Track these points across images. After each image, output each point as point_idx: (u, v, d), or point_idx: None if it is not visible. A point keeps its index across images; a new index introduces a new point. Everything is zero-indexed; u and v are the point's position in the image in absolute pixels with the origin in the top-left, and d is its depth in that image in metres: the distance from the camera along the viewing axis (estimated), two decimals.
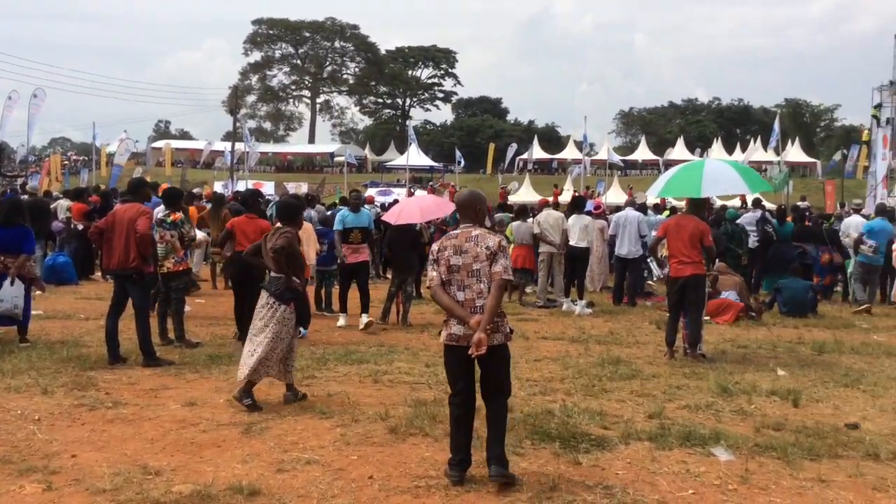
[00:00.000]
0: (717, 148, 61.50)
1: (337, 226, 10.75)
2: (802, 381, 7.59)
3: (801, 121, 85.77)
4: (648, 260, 15.03)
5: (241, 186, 34.30)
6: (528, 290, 13.95)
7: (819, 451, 5.33)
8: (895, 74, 39.63)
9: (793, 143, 58.61)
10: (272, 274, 6.52)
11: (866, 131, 44.45)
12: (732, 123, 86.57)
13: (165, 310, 9.06)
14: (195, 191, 18.51)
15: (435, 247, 4.89)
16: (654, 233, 14.77)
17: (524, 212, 14.04)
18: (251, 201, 9.79)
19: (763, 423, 6.10)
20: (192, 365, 7.78)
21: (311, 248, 10.65)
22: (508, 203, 22.95)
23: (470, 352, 4.55)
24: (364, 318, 10.28)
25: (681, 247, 8.55)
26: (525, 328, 10.61)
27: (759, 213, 15.17)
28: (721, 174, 8.85)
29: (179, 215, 9.04)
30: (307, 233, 10.30)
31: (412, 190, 37.19)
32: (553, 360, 8.47)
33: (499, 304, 4.67)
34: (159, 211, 9.25)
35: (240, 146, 49.09)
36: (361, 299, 10.53)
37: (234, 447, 5.26)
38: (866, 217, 16.07)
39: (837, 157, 58.20)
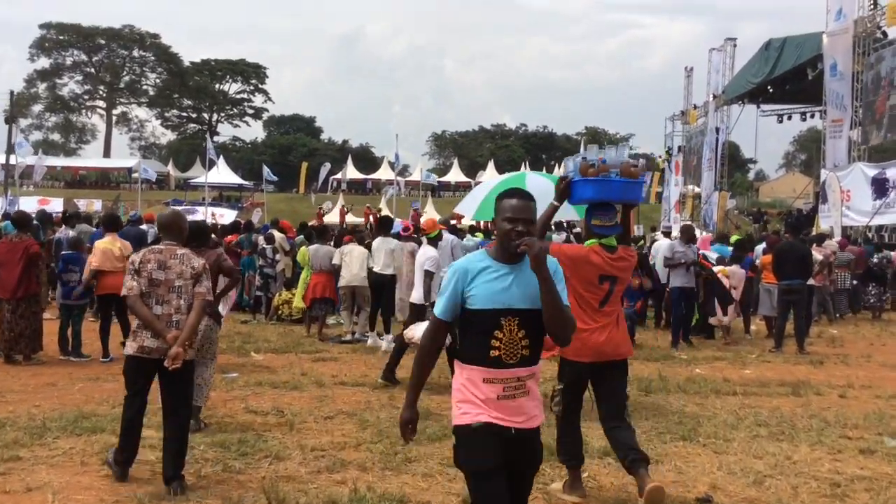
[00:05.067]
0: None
1: None
2: (637, 431, 6.53)
3: (600, 148, 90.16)
4: None
5: (26, 203, 30.28)
6: (329, 321, 12.36)
7: None
8: (685, 105, 42.11)
9: None
10: None
11: (660, 159, 46.92)
12: (538, 149, 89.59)
13: None
14: None
15: (136, 257, 4.95)
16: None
17: (323, 234, 12.45)
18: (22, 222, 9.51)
19: (601, 499, 4.90)
20: None
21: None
22: (319, 224, 21.31)
23: (166, 364, 4.77)
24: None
25: None
26: (321, 371, 9.04)
27: (563, 235, 14.58)
28: (546, 194, 7.72)
29: None
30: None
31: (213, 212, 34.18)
32: (349, 415, 6.94)
33: (199, 321, 4.99)
34: None
35: (22, 159, 43.74)
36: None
37: None
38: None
39: None
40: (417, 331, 8.39)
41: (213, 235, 14.88)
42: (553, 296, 3.11)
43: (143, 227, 15.19)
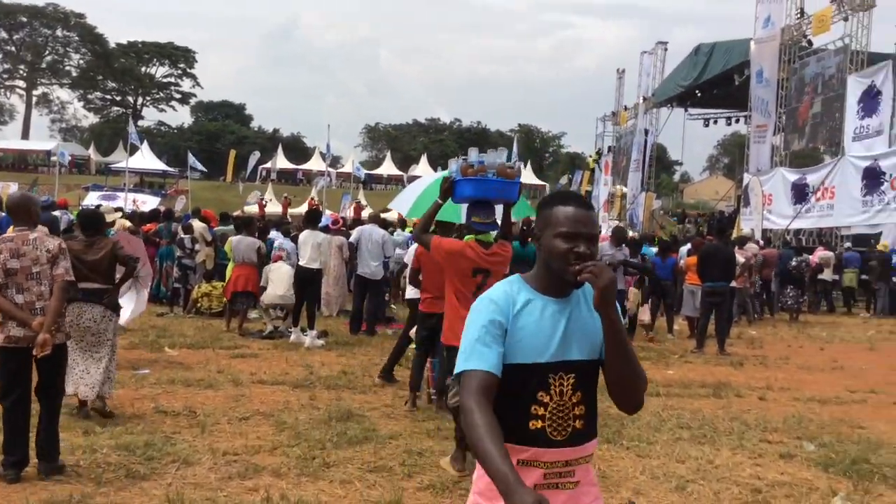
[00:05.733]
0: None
1: None
2: None
3: (533, 145, 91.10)
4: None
5: None
6: (251, 315, 11.97)
7: None
8: (616, 106, 42.72)
9: (525, 166, 61.57)
10: (97, 286, 6.16)
11: (590, 158, 47.54)
12: (472, 144, 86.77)
13: None
14: None
15: None
16: (399, 251, 13.52)
17: (248, 225, 12.04)
18: None
19: None
20: None
21: None
22: (240, 214, 20.83)
23: (35, 352, 4.69)
24: None
25: (436, 280, 7.08)
26: (239, 368, 8.68)
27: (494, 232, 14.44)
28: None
29: None
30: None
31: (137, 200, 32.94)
32: (266, 416, 6.64)
33: (62, 305, 4.90)
34: None
35: None
36: None
37: None
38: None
39: (563, 181, 62.01)
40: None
41: (130, 224, 14.37)
42: (625, 346, 2.23)
43: (56, 213, 14.46)
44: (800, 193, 24.10)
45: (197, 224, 14.24)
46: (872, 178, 20.90)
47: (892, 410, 8.08)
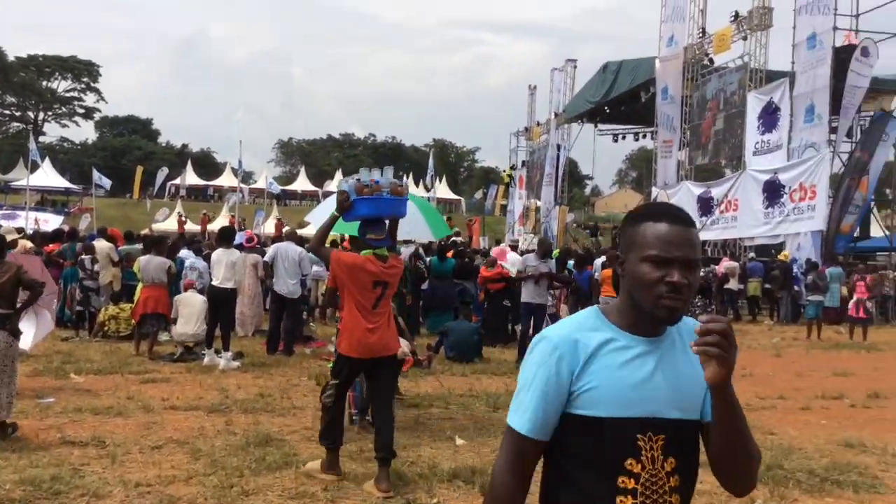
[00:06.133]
0: None
1: None
2: (484, 451, 6.42)
3: (448, 160, 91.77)
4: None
5: None
6: (161, 338, 11.55)
7: None
8: (529, 122, 43.45)
9: (440, 181, 61.88)
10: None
11: (504, 173, 48.18)
12: (387, 159, 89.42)
13: None
14: None
15: None
16: (316, 268, 13.32)
17: (158, 244, 11.64)
18: None
19: None
20: None
21: None
22: (147, 234, 20.21)
23: None
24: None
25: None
26: (150, 394, 8.33)
27: (411, 247, 14.43)
28: (410, 214, 7.54)
29: None
30: None
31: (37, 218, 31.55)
32: (180, 444, 6.38)
33: None
34: None
35: None
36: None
37: None
38: (521, 253, 16.18)
39: (479, 195, 62.65)
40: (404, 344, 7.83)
41: (32, 244, 13.70)
42: (742, 421, 1.78)
43: None
44: (705, 206, 25.00)
45: (103, 244, 13.69)
46: (773, 191, 21.87)
47: (800, 416, 8.38)
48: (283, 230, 20.86)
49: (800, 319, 18.36)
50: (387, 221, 5.73)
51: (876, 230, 26.84)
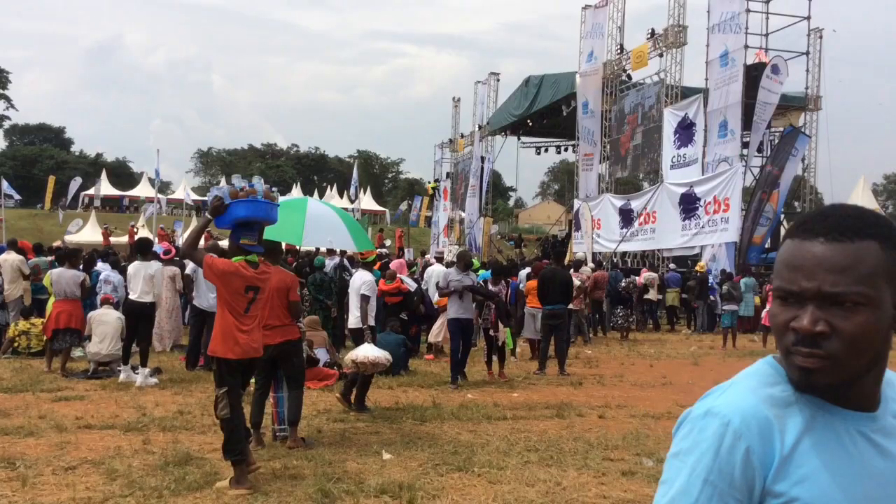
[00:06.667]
0: (296, 192, 62.35)
1: None
2: (412, 465, 6.38)
3: (372, 171, 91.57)
4: None
5: None
6: (75, 354, 11.10)
7: None
8: (453, 134, 43.74)
9: (365, 192, 61.68)
10: None
11: (429, 184, 48.32)
12: (310, 170, 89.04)
13: None
14: None
15: None
16: None
17: (72, 256, 11.20)
18: None
19: None
20: None
21: None
22: (60, 246, 19.45)
23: None
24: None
25: (277, 308, 6.82)
26: (63, 412, 8.00)
27: (336, 259, 14.28)
28: (327, 222, 7.56)
29: None
30: None
31: None
32: (95, 464, 6.12)
33: None
34: None
35: None
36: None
37: None
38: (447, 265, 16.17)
39: (403, 206, 62.68)
40: (360, 351, 8.15)
41: None
42: None
43: None
44: (626, 218, 25.58)
45: (12, 256, 13.10)
46: (689, 204, 22.53)
47: None
48: (208, 242, 20.37)
49: (716, 328, 18.93)
50: (260, 227, 5.86)
51: None
